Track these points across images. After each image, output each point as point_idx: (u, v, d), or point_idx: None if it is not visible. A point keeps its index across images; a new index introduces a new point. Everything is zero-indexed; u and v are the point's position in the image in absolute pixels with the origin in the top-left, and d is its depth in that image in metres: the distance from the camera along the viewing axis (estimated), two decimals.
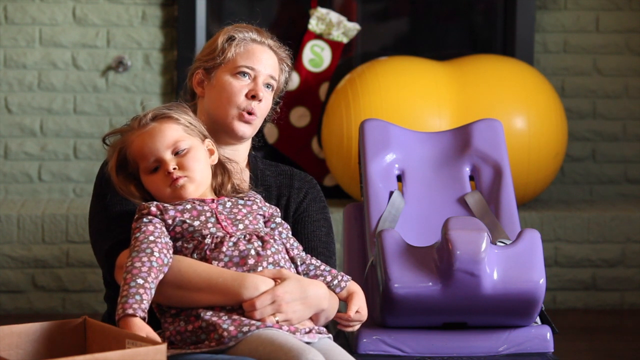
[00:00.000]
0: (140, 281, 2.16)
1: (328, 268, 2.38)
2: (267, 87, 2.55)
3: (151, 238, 2.24)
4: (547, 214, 4.45)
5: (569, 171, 4.79)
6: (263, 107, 2.54)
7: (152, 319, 2.26)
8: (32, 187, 4.61)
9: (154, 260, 2.20)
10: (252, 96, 2.51)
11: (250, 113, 2.51)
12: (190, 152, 2.36)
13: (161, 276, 2.21)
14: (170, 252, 2.26)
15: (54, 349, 2.16)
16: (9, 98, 4.59)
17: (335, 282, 2.36)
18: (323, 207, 2.59)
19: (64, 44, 4.58)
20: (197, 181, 2.36)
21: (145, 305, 2.15)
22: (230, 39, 2.54)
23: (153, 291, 2.18)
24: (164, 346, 2.01)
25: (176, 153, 2.36)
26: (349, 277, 2.39)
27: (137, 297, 2.14)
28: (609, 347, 3.95)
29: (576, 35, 4.76)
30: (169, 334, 2.23)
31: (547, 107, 4.37)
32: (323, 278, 2.36)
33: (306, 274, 2.35)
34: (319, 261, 2.39)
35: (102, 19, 4.59)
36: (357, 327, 2.37)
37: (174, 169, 2.34)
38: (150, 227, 2.26)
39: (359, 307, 2.35)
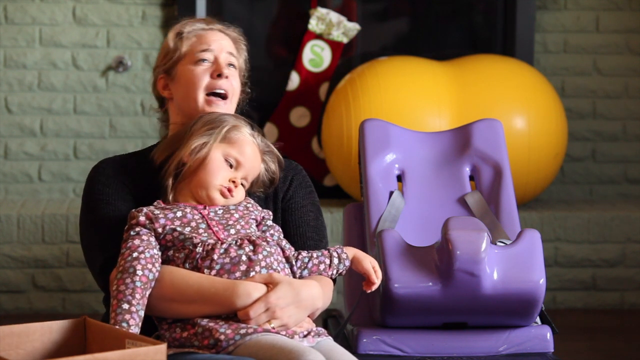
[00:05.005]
0: (125, 306, 2.19)
1: (320, 252, 2.37)
2: (230, 66, 2.54)
3: (134, 255, 2.24)
4: (547, 214, 4.45)
5: (569, 171, 4.79)
6: (233, 85, 2.53)
7: (148, 323, 2.27)
8: (32, 187, 4.61)
9: (137, 279, 2.21)
10: (218, 75, 2.50)
11: (223, 96, 2.51)
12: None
13: (148, 291, 2.23)
14: (157, 264, 2.26)
15: (54, 349, 2.16)
16: (9, 98, 4.59)
17: (336, 260, 2.36)
18: (310, 192, 2.58)
19: (64, 44, 4.58)
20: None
21: (134, 329, 2.17)
22: (179, 34, 2.54)
23: (142, 311, 2.20)
24: (164, 346, 2.02)
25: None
26: (340, 247, 2.39)
27: (124, 325, 2.17)
28: (609, 347, 3.95)
29: (576, 35, 4.76)
30: (165, 340, 2.23)
31: (547, 107, 4.37)
32: (324, 265, 2.35)
33: (305, 268, 2.35)
34: (308, 251, 2.37)
35: (102, 19, 4.59)
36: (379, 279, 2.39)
37: (233, 182, 2.39)
38: (137, 241, 2.27)
39: (372, 265, 2.37)
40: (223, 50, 2.53)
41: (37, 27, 4.58)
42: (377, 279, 2.36)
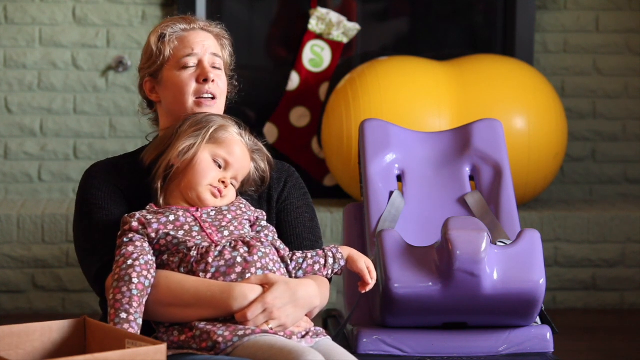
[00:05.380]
0: (123, 315, 2.18)
1: (314, 252, 2.37)
2: (215, 67, 2.52)
3: (129, 262, 2.24)
4: (547, 214, 4.45)
5: (569, 171, 4.79)
6: (220, 86, 2.51)
7: (145, 326, 2.26)
8: (32, 187, 4.61)
9: (133, 287, 2.21)
10: (204, 80, 2.49)
11: (212, 97, 2.50)
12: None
13: (145, 298, 2.22)
14: (152, 270, 2.25)
15: (54, 349, 2.16)
16: (9, 98, 4.59)
17: (331, 260, 2.36)
18: (304, 194, 2.58)
19: (64, 44, 4.58)
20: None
21: None
22: (162, 37, 2.53)
23: (139, 319, 2.20)
24: (164, 346, 2.01)
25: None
26: (335, 246, 2.38)
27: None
28: (609, 347, 3.95)
29: (576, 35, 4.76)
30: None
31: (547, 107, 4.37)
32: (319, 265, 2.35)
33: (299, 269, 2.35)
34: (303, 252, 2.37)
35: (102, 19, 4.59)
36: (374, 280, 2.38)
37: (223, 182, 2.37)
38: (130, 248, 2.26)
39: (367, 265, 2.36)
40: (207, 51, 2.51)
41: (37, 27, 4.58)
42: (371, 279, 2.36)
